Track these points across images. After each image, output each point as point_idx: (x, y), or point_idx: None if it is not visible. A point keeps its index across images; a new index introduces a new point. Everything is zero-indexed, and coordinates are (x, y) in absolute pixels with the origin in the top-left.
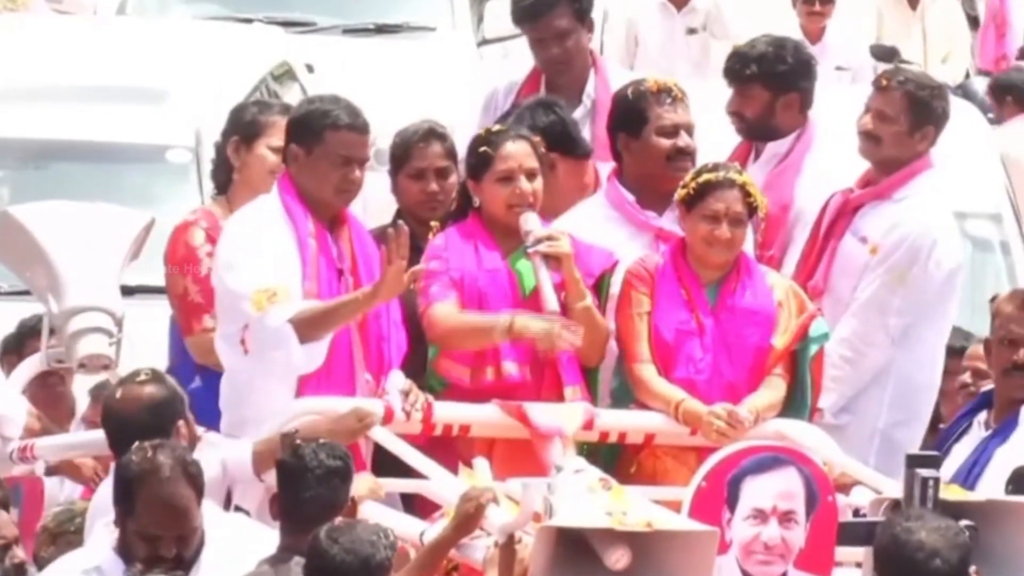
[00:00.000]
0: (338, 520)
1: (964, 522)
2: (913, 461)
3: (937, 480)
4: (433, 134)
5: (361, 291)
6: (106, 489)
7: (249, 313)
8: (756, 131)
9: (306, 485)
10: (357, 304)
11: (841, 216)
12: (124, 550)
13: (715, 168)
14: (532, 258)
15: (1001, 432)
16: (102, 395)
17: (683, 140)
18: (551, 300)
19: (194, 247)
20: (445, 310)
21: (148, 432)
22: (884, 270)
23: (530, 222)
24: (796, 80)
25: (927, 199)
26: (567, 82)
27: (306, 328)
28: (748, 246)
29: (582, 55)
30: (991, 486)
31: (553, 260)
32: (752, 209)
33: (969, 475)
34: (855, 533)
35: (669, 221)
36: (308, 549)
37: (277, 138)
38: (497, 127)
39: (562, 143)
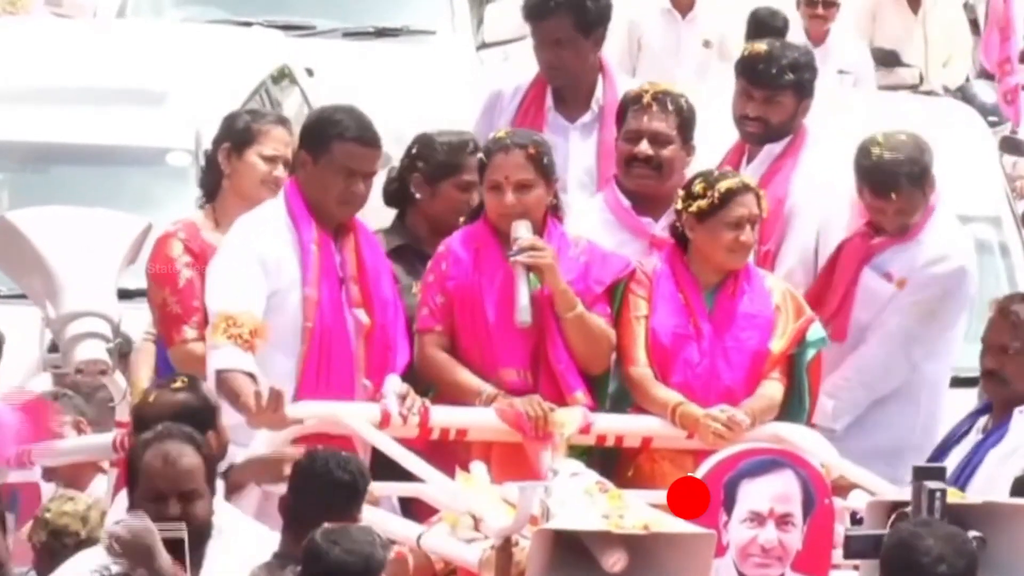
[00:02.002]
0: (327, 524)
1: (972, 533)
2: (920, 473)
3: (944, 492)
4: (476, 146)
5: (252, 401)
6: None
7: (209, 331)
8: (771, 136)
9: (314, 493)
10: (242, 409)
11: (858, 257)
12: None
13: (726, 175)
14: (513, 267)
15: (993, 435)
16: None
17: (641, 147)
18: (523, 311)
19: (172, 258)
20: (432, 351)
21: None
22: (912, 303)
23: (519, 230)
24: (814, 87)
25: (952, 231)
26: (573, 87)
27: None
28: None
29: (583, 64)
30: (981, 489)
31: (536, 270)
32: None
33: (960, 476)
34: (863, 546)
35: (663, 228)
36: (305, 553)
37: (269, 147)
38: (503, 133)
39: None
